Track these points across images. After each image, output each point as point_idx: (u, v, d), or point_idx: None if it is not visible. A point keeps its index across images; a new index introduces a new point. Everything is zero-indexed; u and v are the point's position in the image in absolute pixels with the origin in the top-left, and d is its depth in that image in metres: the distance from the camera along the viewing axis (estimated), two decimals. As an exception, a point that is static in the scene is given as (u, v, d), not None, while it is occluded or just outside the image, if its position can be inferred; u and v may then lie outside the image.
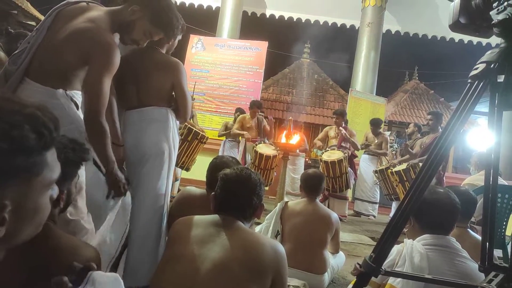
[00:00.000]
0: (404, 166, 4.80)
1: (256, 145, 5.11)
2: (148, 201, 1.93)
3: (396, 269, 1.34)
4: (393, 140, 8.25)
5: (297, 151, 5.64)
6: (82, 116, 1.61)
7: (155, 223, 1.95)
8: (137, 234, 1.90)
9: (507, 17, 0.96)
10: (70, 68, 1.56)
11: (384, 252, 1.06)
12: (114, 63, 1.56)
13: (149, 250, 1.91)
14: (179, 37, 2.15)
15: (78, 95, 1.64)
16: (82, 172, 1.37)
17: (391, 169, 4.94)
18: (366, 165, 6.09)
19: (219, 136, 6.30)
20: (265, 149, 4.93)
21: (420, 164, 4.62)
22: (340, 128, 5.41)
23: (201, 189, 2.11)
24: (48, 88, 1.55)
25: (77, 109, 1.63)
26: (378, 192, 6.06)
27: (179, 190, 5.44)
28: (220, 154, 5.84)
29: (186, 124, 4.32)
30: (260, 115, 6.04)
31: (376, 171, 5.42)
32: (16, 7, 6.36)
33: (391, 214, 5.92)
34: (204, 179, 2.06)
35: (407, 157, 5.18)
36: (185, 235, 1.27)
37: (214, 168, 1.91)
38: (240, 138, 5.72)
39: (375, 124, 6.06)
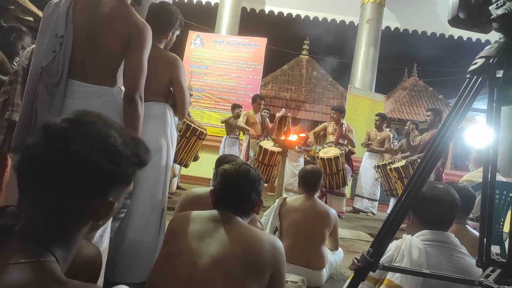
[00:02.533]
0: (402, 162, 4.81)
1: (260, 140, 5.13)
2: (146, 197, 1.93)
3: (394, 264, 1.34)
4: (392, 137, 8.25)
5: (296, 147, 5.65)
6: None
7: (153, 219, 1.94)
8: (135, 230, 1.90)
9: (506, 11, 0.96)
10: (117, 57, 1.56)
11: (382, 247, 1.06)
12: (150, 42, 1.60)
13: (147, 246, 1.91)
14: (178, 32, 2.14)
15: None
16: None
17: (390, 166, 4.94)
18: (368, 162, 6.09)
19: (222, 122, 6.27)
20: (269, 145, 4.94)
21: (419, 160, 4.65)
22: (342, 121, 5.43)
23: (204, 187, 2.11)
24: (105, 87, 1.56)
25: None
26: (379, 189, 6.06)
27: (177, 186, 5.44)
28: (220, 150, 5.83)
29: (185, 120, 4.31)
30: (265, 111, 6.09)
31: (378, 166, 5.41)
32: (13, 2, 6.32)
33: (389, 211, 5.93)
34: (203, 175, 2.06)
35: (408, 154, 5.18)
36: (182, 230, 1.26)
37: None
38: (242, 133, 5.73)
39: (383, 117, 6.10)
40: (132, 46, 1.53)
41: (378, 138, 6.00)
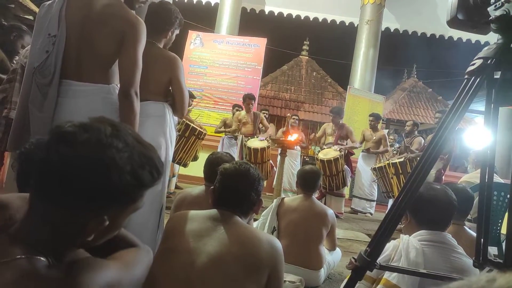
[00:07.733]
0: (401, 158, 4.84)
1: (246, 141, 5.11)
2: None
3: (391, 264, 1.35)
4: (392, 139, 8.26)
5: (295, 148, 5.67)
6: None
7: (150, 219, 1.94)
8: (132, 228, 1.89)
9: (505, 13, 0.97)
10: (111, 55, 1.55)
11: (379, 246, 1.06)
12: (145, 37, 1.58)
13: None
14: (177, 31, 2.14)
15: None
16: None
17: (389, 161, 4.97)
18: (364, 163, 6.09)
19: (215, 132, 6.29)
20: (254, 142, 4.93)
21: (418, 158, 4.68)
22: (342, 122, 5.44)
23: (199, 186, 2.11)
24: (102, 85, 1.54)
25: None
26: (376, 190, 6.06)
27: (176, 186, 5.44)
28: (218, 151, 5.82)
29: (184, 120, 4.31)
30: (263, 112, 6.09)
31: (374, 169, 5.42)
32: (13, 1, 6.31)
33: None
34: (201, 175, 2.06)
35: (405, 155, 5.20)
36: (180, 229, 1.26)
37: (211, 164, 1.93)
38: (237, 134, 5.74)
39: (377, 116, 6.08)
40: (126, 42, 1.52)
41: (374, 138, 6.00)
